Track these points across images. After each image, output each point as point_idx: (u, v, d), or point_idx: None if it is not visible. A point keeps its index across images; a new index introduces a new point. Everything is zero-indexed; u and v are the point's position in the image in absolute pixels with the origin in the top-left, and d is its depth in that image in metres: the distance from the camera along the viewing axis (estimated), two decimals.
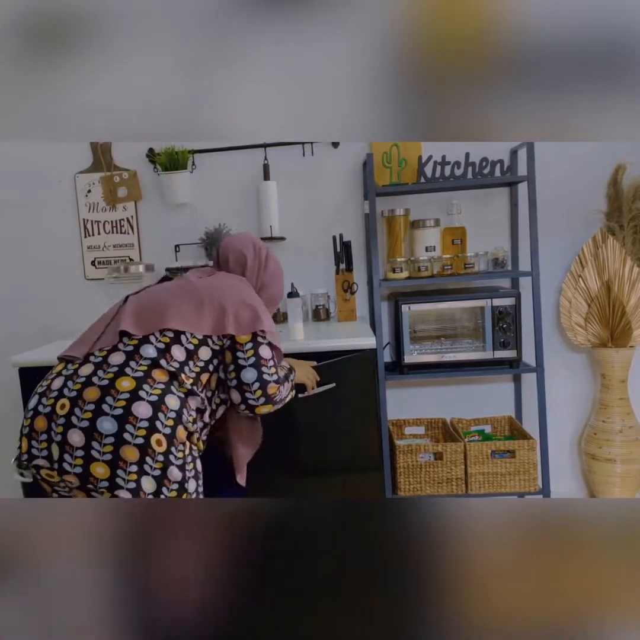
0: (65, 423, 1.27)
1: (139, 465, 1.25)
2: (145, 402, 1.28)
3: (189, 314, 1.44)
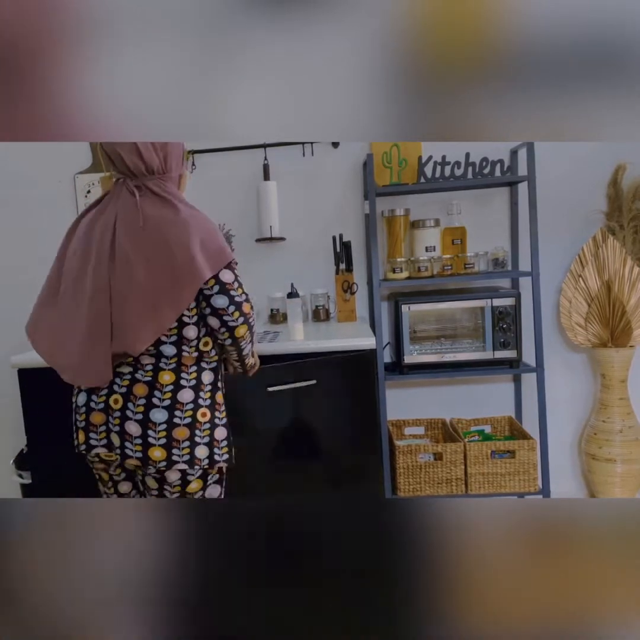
0: (121, 416, 1.43)
1: (190, 440, 1.43)
2: (187, 389, 1.44)
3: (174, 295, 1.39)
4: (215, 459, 1.47)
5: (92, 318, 1.43)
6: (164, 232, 1.39)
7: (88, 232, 1.48)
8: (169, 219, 1.40)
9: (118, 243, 1.41)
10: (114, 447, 1.45)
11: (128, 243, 1.40)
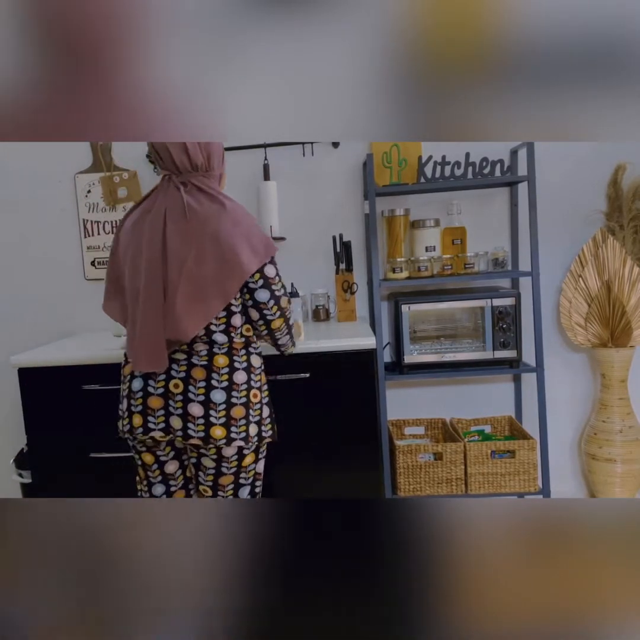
0: (184, 399, 1.53)
1: (245, 418, 1.56)
2: (240, 370, 1.57)
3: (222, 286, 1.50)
4: (262, 436, 1.61)
5: (147, 308, 1.52)
6: (211, 225, 1.48)
7: (137, 227, 1.57)
8: (215, 213, 1.49)
9: (168, 236, 1.50)
10: (174, 430, 1.54)
11: (177, 236, 1.50)
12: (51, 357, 2.06)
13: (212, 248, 1.48)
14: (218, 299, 1.50)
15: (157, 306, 1.51)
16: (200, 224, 1.49)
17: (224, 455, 1.56)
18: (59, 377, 2.04)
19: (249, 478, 1.63)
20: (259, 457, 1.64)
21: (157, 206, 1.54)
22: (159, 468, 1.66)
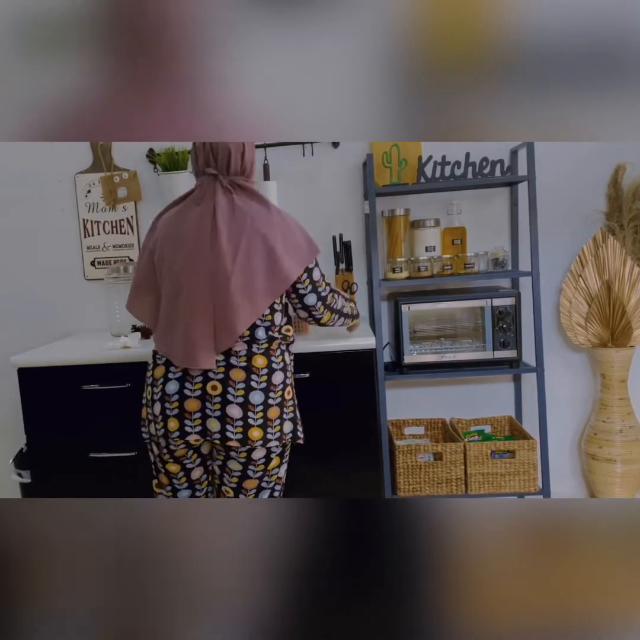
0: (222, 401, 1.52)
1: (280, 418, 1.57)
2: (279, 371, 1.58)
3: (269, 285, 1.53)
4: (297, 435, 1.64)
5: (194, 305, 1.52)
6: (259, 225, 1.53)
7: (179, 225, 1.57)
8: (262, 214, 1.56)
9: (220, 234, 1.52)
10: (211, 433, 1.53)
11: (227, 233, 1.52)
12: (51, 357, 2.06)
13: (261, 249, 1.52)
14: (266, 297, 1.54)
15: (205, 304, 1.52)
16: (249, 223, 1.53)
17: (252, 458, 1.55)
18: (59, 377, 2.04)
19: (270, 482, 1.62)
20: (283, 461, 1.64)
21: (203, 206, 1.56)
22: (185, 475, 1.65)
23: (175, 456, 1.61)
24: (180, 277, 1.54)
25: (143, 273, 1.65)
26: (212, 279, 1.51)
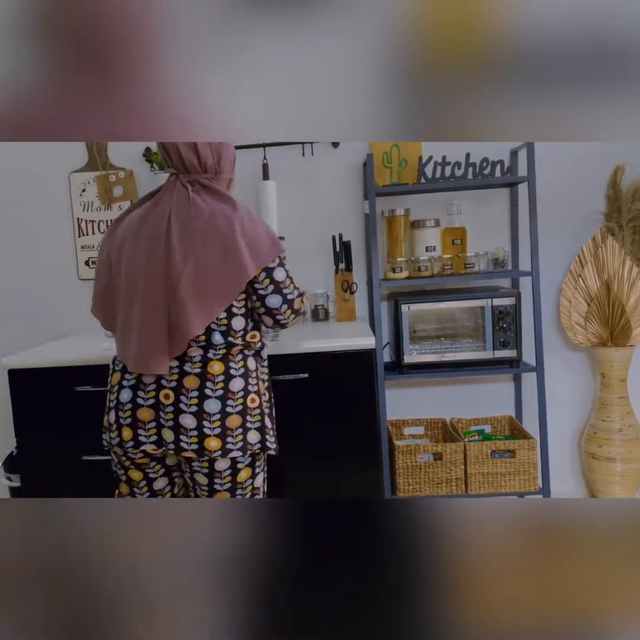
0: (174, 410, 1.45)
1: (242, 427, 1.48)
2: (237, 377, 1.49)
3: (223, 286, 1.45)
4: (267, 445, 1.52)
5: (147, 307, 1.46)
6: (217, 224, 1.44)
7: (139, 225, 1.51)
8: (223, 213, 1.46)
9: (172, 234, 1.45)
10: (166, 443, 1.47)
11: (181, 234, 1.45)
12: (42, 358, 2.02)
13: (217, 247, 1.43)
14: (219, 299, 1.45)
15: (159, 305, 1.46)
16: (206, 223, 1.45)
17: (216, 469, 1.48)
18: (51, 378, 2.00)
19: (245, 494, 1.53)
20: (256, 472, 1.54)
21: (162, 204, 1.50)
22: (147, 485, 1.59)
23: (136, 463, 1.55)
24: (136, 279, 1.48)
25: (103, 276, 1.59)
26: (166, 280, 1.45)
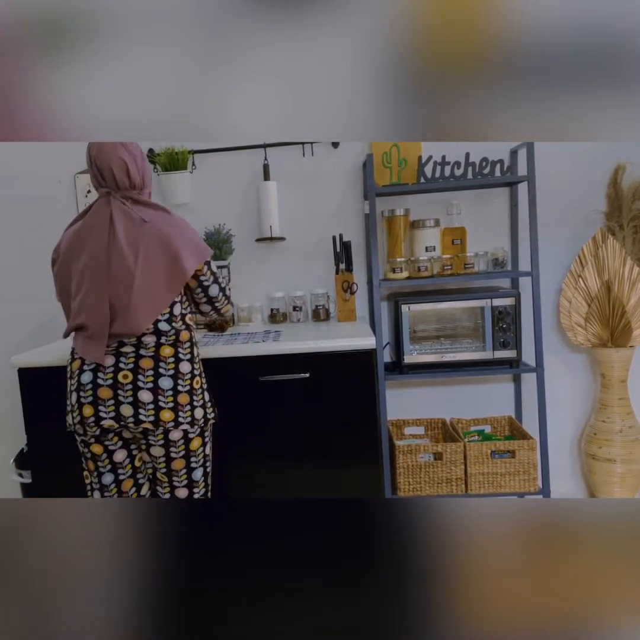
0: (133, 387, 1.65)
1: (190, 404, 1.70)
2: (185, 361, 1.71)
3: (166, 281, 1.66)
4: (207, 418, 1.75)
5: (93, 305, 1.65)
6: (157, 229, 1.66)
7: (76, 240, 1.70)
8: (160, 219, 1.68)
9: (115, 242, 1.65)
10: (124, 418, 1.65)
11: (124, 242, 1.64)
12: (51, 357, 2.06)
13: (159, 249, 1.64)
14: (168, 291, 1.67)
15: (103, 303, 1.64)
16: (147, 228, 1.65)
17: (171, 440, 1.68)
18: (59, 377, 2.04)
19: (199, 461, 1.76)
20: (205, 441, 1.76)
21: (100, 217, 1.67)
22: (108, 457, 1.74)
23: (96, 436, 1.71)
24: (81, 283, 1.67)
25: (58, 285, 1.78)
26: (112, 282, 1.63)
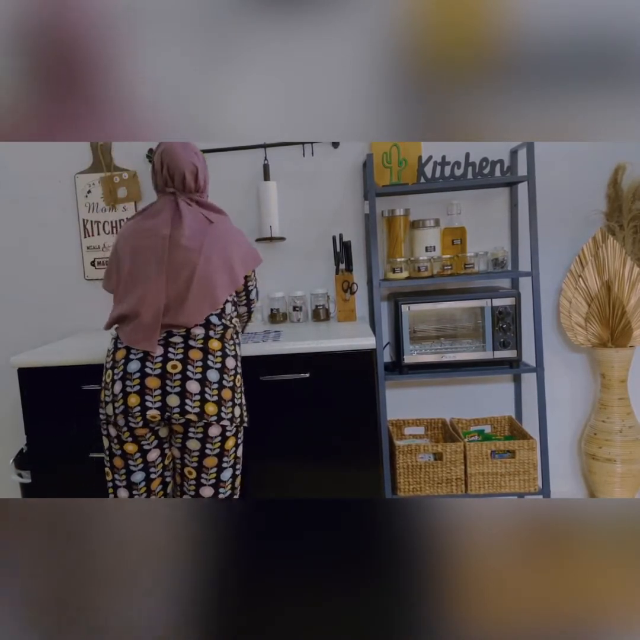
0: (182, 377, 1.66)
1: (232, 400, 1.72)
2: (231, 357, 1.74)
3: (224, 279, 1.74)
4: (243, 419, 1.76)
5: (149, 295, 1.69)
6: (223, 232, 1.76)
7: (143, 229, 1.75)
8: (225, 223, 1.79)
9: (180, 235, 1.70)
10: (170, 408, 1.65)
11: (189, 234, 1.70)
12: (51, 357, 2.06)
13: (220, 250, 1.72)
14: (221, 294, 1.73)
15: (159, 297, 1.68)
16: (211, 230, 1.73)
17: (209, 435, 1.68)
18: (59, 377, 2.04)
19: (230, 461, 1.75)
20: (238, 442, 1.77)
21: (164, 214, 1.74)
22: (141, 456, 1.73)
23: (134, 434, 1.70)
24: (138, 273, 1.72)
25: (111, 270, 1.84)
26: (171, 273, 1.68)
